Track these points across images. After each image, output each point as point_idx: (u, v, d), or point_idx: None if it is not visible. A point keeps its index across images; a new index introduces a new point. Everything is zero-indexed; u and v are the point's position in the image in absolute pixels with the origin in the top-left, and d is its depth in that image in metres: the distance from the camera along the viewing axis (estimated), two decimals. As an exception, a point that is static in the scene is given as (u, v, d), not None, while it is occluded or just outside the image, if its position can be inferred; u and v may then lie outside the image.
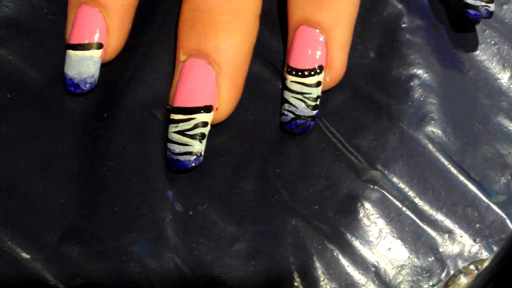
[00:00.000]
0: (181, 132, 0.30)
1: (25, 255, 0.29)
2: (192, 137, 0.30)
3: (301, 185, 0.32)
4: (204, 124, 0.30)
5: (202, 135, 0.30)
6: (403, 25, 0.36)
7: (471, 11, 0.34)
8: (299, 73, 0.31)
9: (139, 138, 0.32)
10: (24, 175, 0.30)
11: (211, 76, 0.30)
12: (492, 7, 0.34)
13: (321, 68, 0.31)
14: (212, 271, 0.30)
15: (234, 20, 0.31)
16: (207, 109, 0.30)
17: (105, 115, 0.32)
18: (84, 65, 0.31)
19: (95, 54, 0.31)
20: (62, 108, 0.32)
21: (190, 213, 0.31)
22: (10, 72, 0.32)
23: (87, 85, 0.31)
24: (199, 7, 0.31)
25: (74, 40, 0.31)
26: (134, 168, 0.31)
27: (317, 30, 0.31)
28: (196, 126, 0.30)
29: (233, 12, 0.31)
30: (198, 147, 0.30)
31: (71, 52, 0.31)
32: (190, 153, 0.30)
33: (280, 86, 0.33)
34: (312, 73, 0.31)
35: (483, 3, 0.34)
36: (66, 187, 0.30)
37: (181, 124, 0.30)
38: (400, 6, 0.36)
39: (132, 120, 0.32)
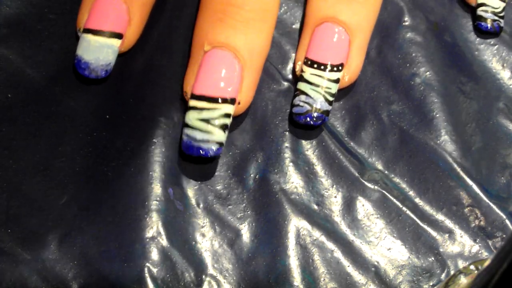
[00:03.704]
0: (204, 120, 0.30)
1: (25, 255, 0.29)
2: (216, 126, 0.30)
3: (301, 185, 0.32)
4: (228, 115, 0.30)
5: (226, 126, 0.30)
6: (404, 23, 0.36)
7: (484, 24, 0.35)
8: (321, 67, 0.32)
9: (139, 138, 0.32)
10: (25, 175, 0.30)
11: (238, 70, 0.31)
12: (502, 22, 0.35)
13: (342, 65, 0.32)
14: (212, 270, 0.30)
15: (263, 19, 0.31)
16: (232, 101, 0.30)
17: (107, 116, 0.32)
18: (103, 52, 0.31)
19: (116, 43, 0.31)
20: (63, 108, 0.32)
21: (190, 212, 0.31)
22: (10, 72, 0.32)
23: (103, 72, 0.31)
24: (231, 2, 0.31)
25: (95, 26, 0.31)
26: (134, 168, 0.31)
27: (343, 29, 0.32)
28: (220, 116, 0.30)
29: (263, 12, 0.31)
30: (222, 136, 0.30)
31: (90, 37, 0.31)
32: (213, 142, 0.30)
33: (281, 87, 0.33)
34: (335, 69, 0.31)
35: (496, 18, 0.35)
36: (66, 187, 0.30)
37: (204, 112, 0.30)
38: (401, 4, 0.36)
39: (133, 120, 0.32)
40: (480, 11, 0.35)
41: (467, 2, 0.36)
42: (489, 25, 0.35)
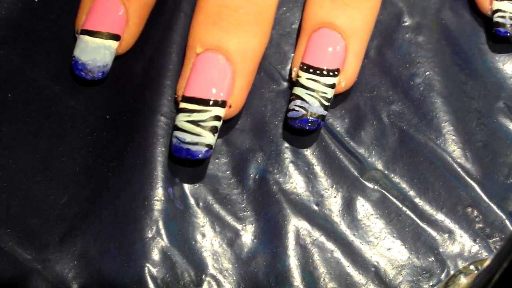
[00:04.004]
0: (194, 122, 0.30)
1: (26, 255, 0.29)
2: (206, 128, 0.30)
3: (301, 185, 0.32)
4: (218, 118, 0.30)
5: (216, 129, 0.30)
6: (403, 24, 0.36)
7: (502, 29, 0.34)
8: (317, 72, 0.31)
9: (140, 138, 0.32)
10: (25, 174, 0.30)
11: (229, 73, 0.31)
12: None
13: (338, 71, 0.32)
14: (212, 270, 0.30)
15: (257, 23, 0.31)
16: (223, 104, 0.30)
17: (107, 116, 0.32)
18: (100, 53, 0.31)
19: (113, 45, 0.31)
20: (63, 108, 0.32)
21: (190, 211, 0.31)
22: (10, 72, 0.32)
23: (100, 73, 0.31)
24: (225, 4, 0.31)
25: (93, 27, 0.31)
26: (135, 168, 0.31)
27: (340, 35, 0.32)
28: (210, 119, 0.30)
29: (257, 15, 0.31)
30: (211, 139, 0.30)
31: (87, 38, 0.31)
32: (202, 144, 0.30)
33: (280, 87, 0.33)
34: (331, 73, 0.31)
35: None
36: (67, 187, 0.30)
37: (194, 114, 0.30)
38: (400, 4, 0.36)
39: (133, 120, 0.32)
40: (496, 18, 0.34)
41: (481, 11, 0.35)
42: (509, 30, 0.34)
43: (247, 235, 0.31)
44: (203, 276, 0.30)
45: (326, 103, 0.31)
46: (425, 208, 0.32)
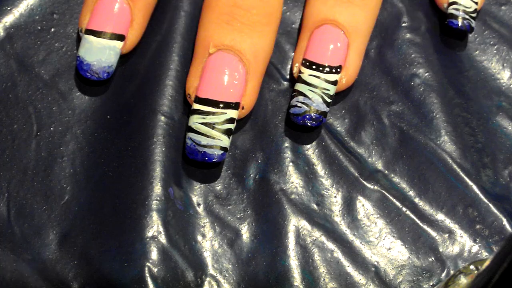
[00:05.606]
0: (209, 125, 0.30)
1: (26, 255, 0.29)
2: (221, 131, 0.30)
3: (301, 185, 0.32)
4: (232, 120, 0.30)
5: (230, 131, 0.30)
6: (403, 24, 0.36)
7: (454, 21, 0.34)
8: (320, 68, 0.31)
9: (140, 138, 0.32)
10: (25, 175, 0.30)
11: (243, 74, 0.31)
12: (473, 23, 0.34)
13: (340, 68, 0.32)
14: (212, 270, 0.30)
15: (269, 23, 0.32)
16: (236, 106, 0.30)
17: (108, 116, 0.32)
18: (105, 54, 0.31)
19: (118, 45, 0.31)
20: (64, 108, 0.32)
21: (191, 212, 0.31)
22: (11, 72, 0.32)
23: (105, 74, 0.31)
24: (238, 4, 0.31)
25: (97, 27, 0.31)
26: (135, 168, 0.31)
27: (342, 32, 0.32)
28: (225, 121, 0.30)
29: (269, 15, 0.31)
30: (226, 142, 0.30)
31: (92, 38, 0.31)
32: (217, 147, 0.30)
33: (280, 86, 0.33)
34: (333, 70, 0.31)
35: (467, 16, 0.34)
36: (67, 187, 0.30)
37: (209, 116, 0.30)
38: (400, 5, 0.36)
39: (133, 120, 0.32)
40: (451, 9, 0.35)
41: (437, 4, 0.36)
42: (459, 23, 0.34)
43: (247, 235, 0.31)
44: (203, 276, 0.30)
45: (329, 100, 0.32)
46: (425, 208, 0.32)
